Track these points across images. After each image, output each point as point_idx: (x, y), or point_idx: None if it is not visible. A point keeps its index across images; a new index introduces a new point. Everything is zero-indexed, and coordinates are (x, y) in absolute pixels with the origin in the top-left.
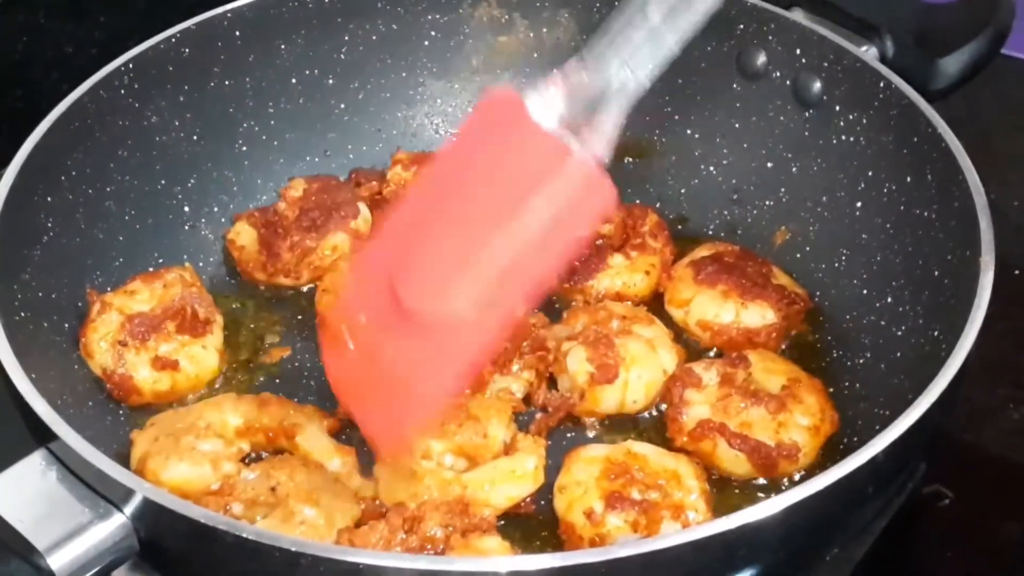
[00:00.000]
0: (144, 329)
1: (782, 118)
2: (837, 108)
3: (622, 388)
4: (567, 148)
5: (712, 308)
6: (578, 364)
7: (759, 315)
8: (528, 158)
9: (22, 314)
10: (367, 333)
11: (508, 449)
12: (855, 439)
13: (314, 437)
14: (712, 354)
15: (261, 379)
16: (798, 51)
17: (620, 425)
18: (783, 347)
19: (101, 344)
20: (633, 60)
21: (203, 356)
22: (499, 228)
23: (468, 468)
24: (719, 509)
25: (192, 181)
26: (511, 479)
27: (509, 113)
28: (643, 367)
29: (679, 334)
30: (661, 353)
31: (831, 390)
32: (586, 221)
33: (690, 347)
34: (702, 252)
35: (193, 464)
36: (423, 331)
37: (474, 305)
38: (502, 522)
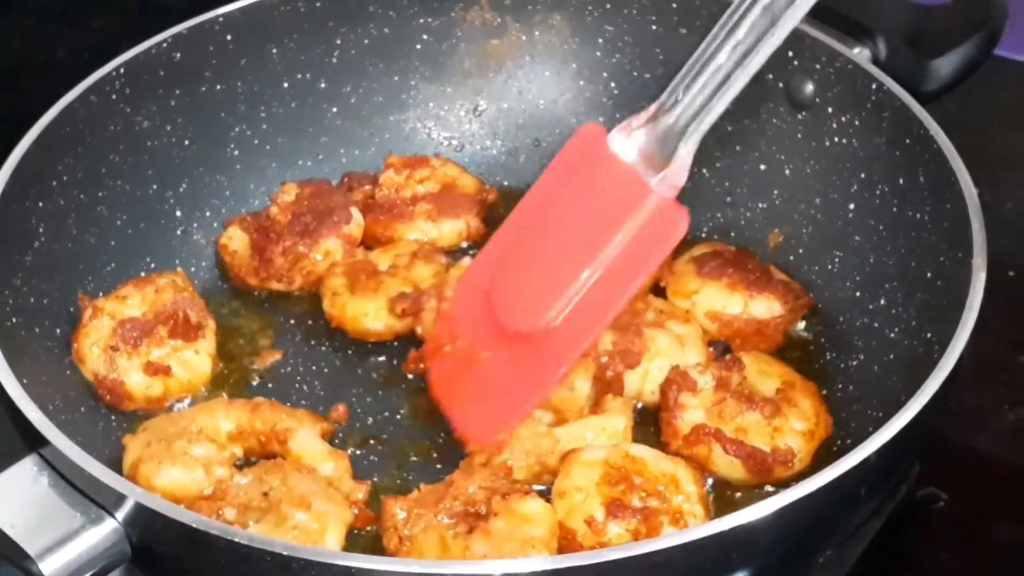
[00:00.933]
0: (136, 334)
1: (775, 120)
2: (830, 110)
3: (642, 377)
4: (645, 183)
5: (720, 299)
6: (603, 346)
7: (766, 307)
8: (610, 191)
9: (13, 320)
10: (466, 345)
11: (595, 408)
12: (848, 441)
13: (307, 441)
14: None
15: (254, 384)
16: (790, 53)
17: None
18: (777, 348)
19: (93, 349)
20: (705, 99)
21: (195, 361)
22: (585, 257)
23: (555, 422)
24: (715, 513)
25: (184, 186)
26: (602, 436)
27: (594, 149)
28: (667, 360)
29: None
30: (688, 351)
31: (824, 392)
32: (662, 249)
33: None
34: (701, 249)
35: (185, 469)
36: (521, 345)
37: (565, 322)
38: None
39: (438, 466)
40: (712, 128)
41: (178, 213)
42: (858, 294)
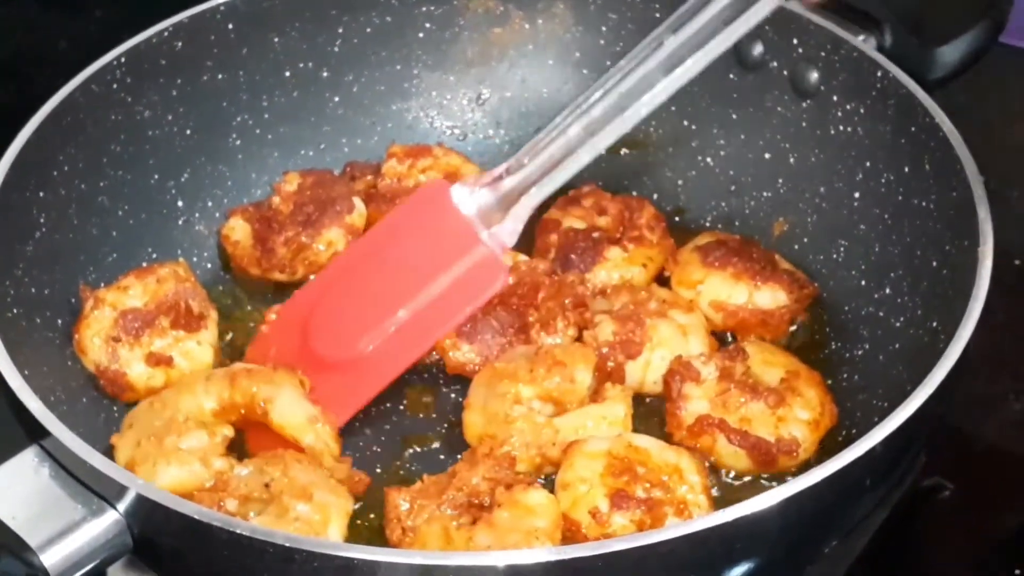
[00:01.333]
0: (138, 325)
1: (779, 108)
2: (835, 98)
3: (643, 367)
4: (476, 235)
5: (724, 289)
6: (604, 337)
7: (771, 297)
8: (442, 239)
9: (14, 310)
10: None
11: (595, 397)
12: (854, 431)
13: (288, 409)
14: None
15: None
16: (795, 41)
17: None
18: (782, 338)
19: (95, 340)
20: (546, 169)
21: (197, 352)
22: (405, 294)
23: (555, 414)
24: (719, 503)
25: (186, 176)
26: (602, 425)
27: (436, 200)
28: (669, 350)
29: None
30: (692, 340)
31: (829, 382)
32: (478, 297)
33: (717, 338)
34: (705, 238)
35: (182, 465)
36: (328, 372)
37: (370, 352)
38: (541, 480)
39: (441, 457)
40: (716, 117)
41: (180, 203)
42: (863, 283)
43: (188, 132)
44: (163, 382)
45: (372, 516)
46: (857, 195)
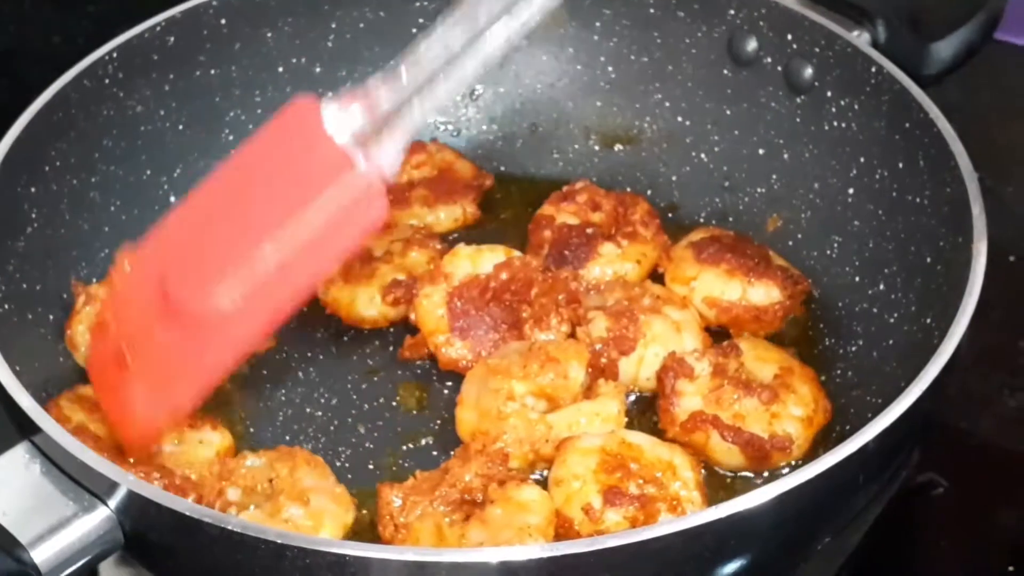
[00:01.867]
0: None
1: (773, 104)
2: (829, 94)
3: (637, 363)
4: (350, 161)
5: (718, 285)
6: (597, 333)
7: (765, 293)
8: (311, 166)
9: (6, 306)
10: (133, 320)
11: (588, 393)
12: (847, 427)
13: None
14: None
15: (246, 371)
16: (789, 36)
17: None
18: (776, 334)
19: (86, 335)
20: (427, 87)
21: None
22: (270, 231)
23: (548, 410)
24: (713, 500)
25: (178, 171)
26: (596, 421)
27: (304, 121)
28: (662, 346)
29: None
30: (686, 336)
31: (823, 378)
32: (356, 233)
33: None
34: (699, 234)
35: None
36: (188, 326)
37: (237, 304)
38: (534, 477)
39: (434, 453)
40: (710, 112)
41: (172, 199)
42: (857, 279)
43: (181, 127)
44: None
45: (364, 512)
46: (851, 191)
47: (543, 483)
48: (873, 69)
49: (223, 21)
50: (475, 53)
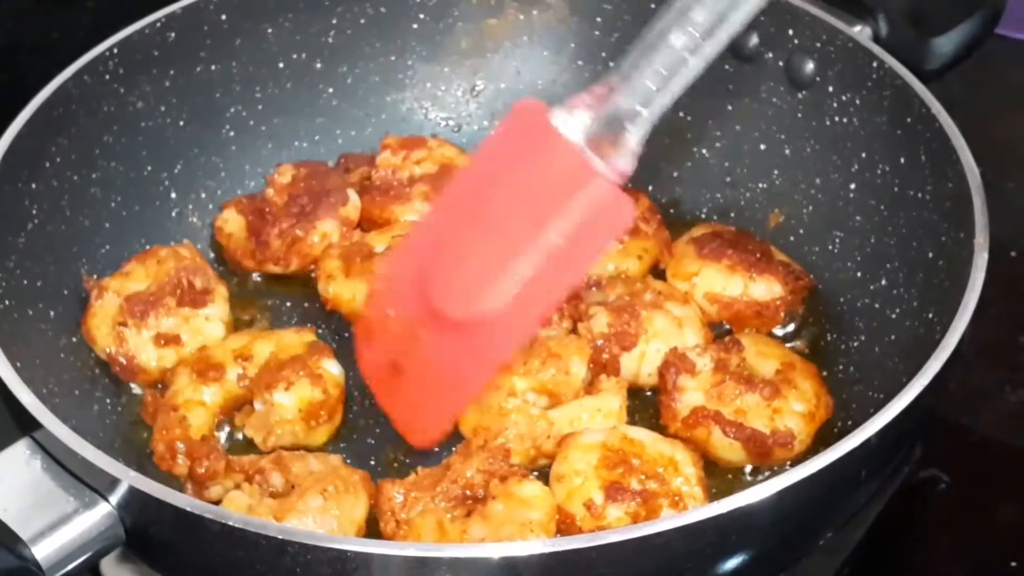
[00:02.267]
0: (142, 307)
1: (775, 99)
2: (830, 89)
3: (638, 359)
4: (591, 166)
5: (719, 281)
6: (598, 328)
7: (766, 289)
8: (553, 173)
9: (6, 302)
10: (399, 328)
11: (589, 389)
12: (849, 423)
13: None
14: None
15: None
16: (791, 32)
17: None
18: (779, 330)
19: (101, 328)
20: (656, 83)
21: (206, 328)
22: (526, 240)
23: (549, 406)
24: (714, 495)
25: (179, 167)
26: (597, 417)
27: (536, 127)
28: (664, 342)
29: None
30: (687, 332)
31: (825, 373)
32: (605, 237)
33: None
34: (701, 230)
35: None
36: (456, 331)
37: (502, 310)
38: (535, 473)
39: (436, 449)
40: (711, 108)
41: (173, 195)
42: (859, 275)
43: (181, 123)
44: (174, 362)
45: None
46: (853, 186)
47: (545, 479)
48: (875, 64)
49: (223, 17)
50: (699, 52)
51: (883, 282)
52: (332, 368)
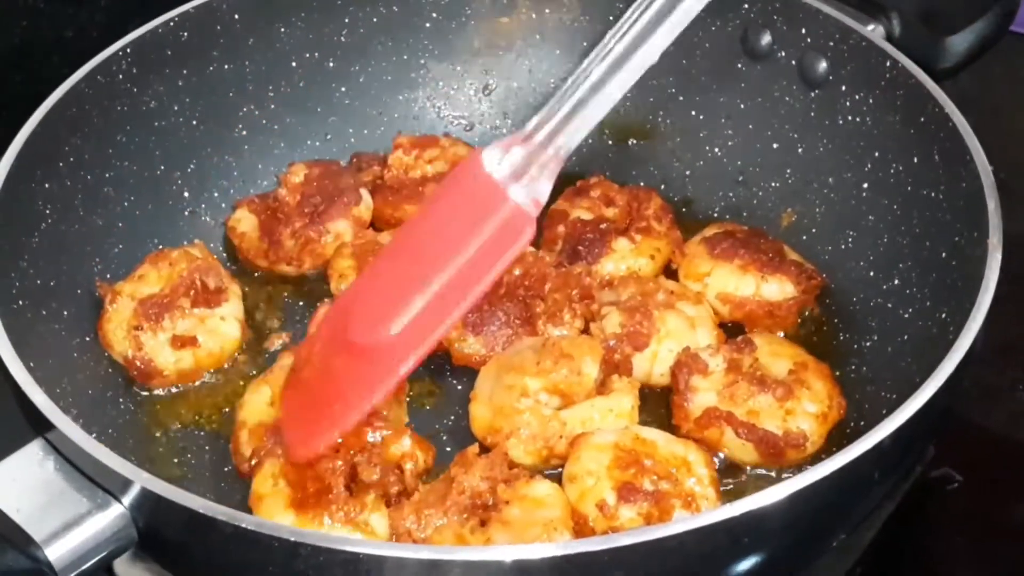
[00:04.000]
0: (156, 310)
1: (788, 98)
2: (843, 88)
3: (651, 359)
4: (503, 191)
5: (732, 281)
6: (611, 328)
7: (779, 289)
8: (472, 204)
9: (20, 302)
10: (318, 360)
11: (601, 389)
12: (862, 423)
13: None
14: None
15: (263, 365)
16: (803, 30)
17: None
18: (792, 330)
19: (117, 333)
20: (575, 113)
21: (222, 328)
22: (437, 266)
23: (562, 406)
24: (726, 496)
25: (192, 166)
26: (609, 417)
27: (467, 168)
28: (676, 342)
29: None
30: (700, 332)
31: (837, 374)
32: (505, 256)
33: (724, 330)
34: (713, 229)
35: None
36: (360, 355)
37: (398, 334)
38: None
39: (448, 449)
40: (724, 107)
41: (186, 194)
42: (872, 274)
43: (194, 123)
44: (192, 364)
45: None
46: (866, 185)
47: (557, 480)
48: (888, 63)
49: (236, 16)
50: (618, 82)
51: (896, 282)
52: None
